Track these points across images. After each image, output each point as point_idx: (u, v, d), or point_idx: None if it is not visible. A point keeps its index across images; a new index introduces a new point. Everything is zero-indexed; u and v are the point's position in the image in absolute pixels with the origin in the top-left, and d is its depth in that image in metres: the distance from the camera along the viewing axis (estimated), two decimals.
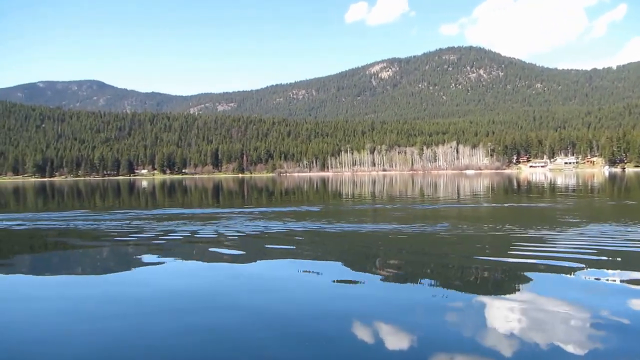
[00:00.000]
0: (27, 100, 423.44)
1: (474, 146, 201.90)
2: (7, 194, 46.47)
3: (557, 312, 5.65)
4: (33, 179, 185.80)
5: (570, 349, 4.62)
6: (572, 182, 52.50)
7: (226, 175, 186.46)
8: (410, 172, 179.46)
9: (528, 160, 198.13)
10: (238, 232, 12.66)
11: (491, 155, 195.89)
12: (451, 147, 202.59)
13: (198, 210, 21.14)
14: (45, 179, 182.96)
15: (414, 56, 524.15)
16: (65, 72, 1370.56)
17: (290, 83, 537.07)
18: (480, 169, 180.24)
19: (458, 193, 32.79)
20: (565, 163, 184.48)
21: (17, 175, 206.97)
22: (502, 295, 6.42)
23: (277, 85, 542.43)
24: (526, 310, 5.76)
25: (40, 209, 24.08)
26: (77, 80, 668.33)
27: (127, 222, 15.77)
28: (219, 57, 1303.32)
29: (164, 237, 11.94)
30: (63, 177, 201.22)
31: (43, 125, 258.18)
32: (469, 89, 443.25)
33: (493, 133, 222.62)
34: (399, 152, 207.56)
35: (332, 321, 5.49)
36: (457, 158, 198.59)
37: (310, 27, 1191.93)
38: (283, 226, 13.69)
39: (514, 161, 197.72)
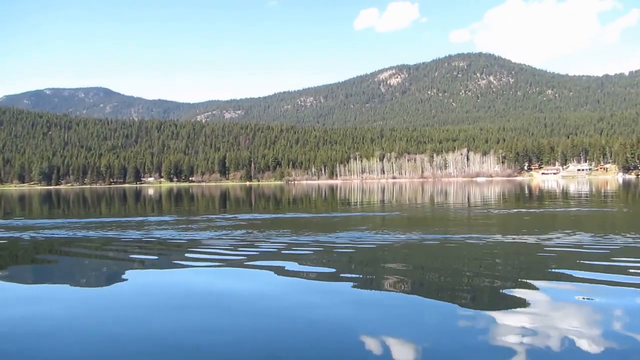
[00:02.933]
0: (33, 107, 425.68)
1: (485, 153, 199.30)
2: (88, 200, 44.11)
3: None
4: (39, 187, 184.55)
5: None
6: (585, 189, 52.15)
7: (233, 183, 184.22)
8: (420, 179, 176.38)
9: (540, 168, 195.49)
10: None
11: (502, 162, 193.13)
12: (461, 154, 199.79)
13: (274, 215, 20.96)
14: (51, 187, 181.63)
15: (423, 63, 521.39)
16: (72, 79, 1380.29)
17: (298, 90, 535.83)
18: (492, 176, 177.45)
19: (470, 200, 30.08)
20: (578, 170, 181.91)
21: (23, 183, 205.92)
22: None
23: (284, 92, 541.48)
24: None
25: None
26: (84, 87, 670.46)
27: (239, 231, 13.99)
28: (226, 64, 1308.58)
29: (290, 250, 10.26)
30: (69, 184, 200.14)
31: (50, 133, 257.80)
32: (479, 95, 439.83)
33: (504, 140, 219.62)
34: (408, 160, 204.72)
35: None
36: (468, 165, 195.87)
37: (319, 34, 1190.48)
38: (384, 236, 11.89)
39: (526, 168, 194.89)
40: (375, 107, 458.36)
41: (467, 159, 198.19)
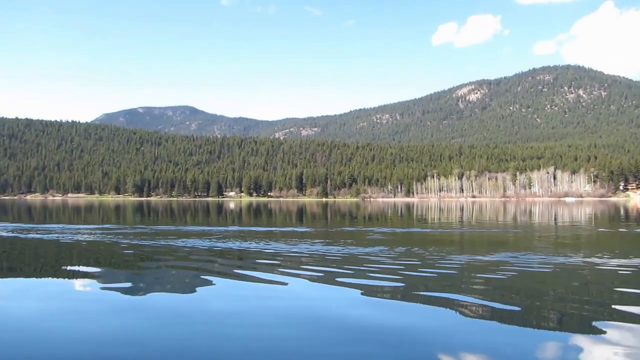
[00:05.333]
0: (128, 124, 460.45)
1: (574, 172, 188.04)
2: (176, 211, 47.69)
3: None
4: (132, 198, 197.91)
5: None
6: None
7: (310, 199, 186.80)
8: (502, 198, 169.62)
9: (638, 187, 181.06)
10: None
11: (594, 181, 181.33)
12: (547, 172, 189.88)
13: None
14: (143, 198, 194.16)
15: (505, 77, 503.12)
16: (162, 98, 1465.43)
17: (373, 107, 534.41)
18: (582, 197, 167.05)
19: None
20: None
21: (119, 194, 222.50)
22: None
23: (360, 109, 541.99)
24: None
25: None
26: (172, 105, 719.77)
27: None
28: (303, 82, 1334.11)
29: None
30: (158, 197, 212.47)
31: (142, 148, 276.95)
32: (567, 110, 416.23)
33: (595, 158, 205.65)
34: (489, 178, 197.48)
35: None
36: (555, 185, 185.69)
37: (396, 51, 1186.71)
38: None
39: (621, 188, 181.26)
40: (453, 124, 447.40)
41: (554, 177, 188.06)
